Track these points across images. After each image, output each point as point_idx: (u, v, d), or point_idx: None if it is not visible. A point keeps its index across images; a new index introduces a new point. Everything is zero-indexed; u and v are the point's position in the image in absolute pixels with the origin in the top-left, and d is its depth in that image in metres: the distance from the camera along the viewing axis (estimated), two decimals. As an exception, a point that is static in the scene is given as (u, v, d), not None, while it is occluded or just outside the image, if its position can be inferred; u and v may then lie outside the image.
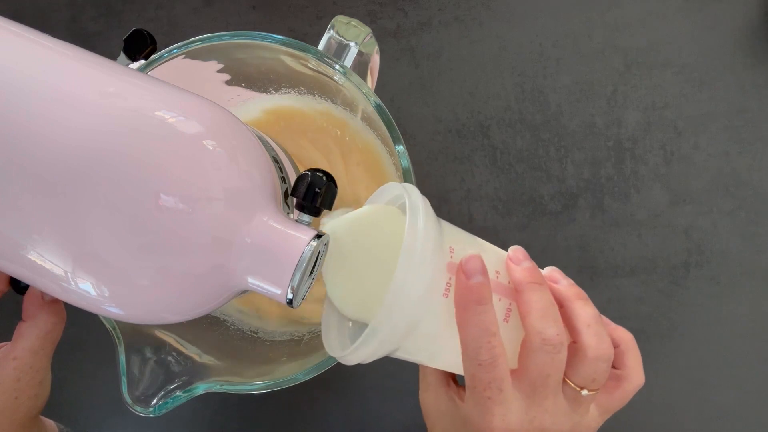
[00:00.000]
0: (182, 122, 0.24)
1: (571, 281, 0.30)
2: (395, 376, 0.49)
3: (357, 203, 0.43)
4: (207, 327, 0.41)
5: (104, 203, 0.22)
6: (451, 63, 0.49)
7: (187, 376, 0.33)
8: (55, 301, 0.29)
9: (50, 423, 0.35)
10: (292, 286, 0.25)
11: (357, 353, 0.27)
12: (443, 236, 0.28)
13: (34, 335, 0.29)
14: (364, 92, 0.35)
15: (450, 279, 0.28)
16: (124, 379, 0.32)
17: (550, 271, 0.31)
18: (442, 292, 0.27)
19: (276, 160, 0.31)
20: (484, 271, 0.27)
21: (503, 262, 0.30)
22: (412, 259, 0.26)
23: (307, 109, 0.44)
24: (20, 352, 0.29)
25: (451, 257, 0.28)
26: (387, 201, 0.31)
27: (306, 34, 0.50)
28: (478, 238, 0.31)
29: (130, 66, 0.34)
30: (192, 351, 0.35)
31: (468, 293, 0.27)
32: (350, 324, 0.31)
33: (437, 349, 0.29)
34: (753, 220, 0.47)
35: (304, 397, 0.47)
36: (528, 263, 0.29)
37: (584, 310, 0.29)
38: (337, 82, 0.37)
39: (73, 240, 0.22)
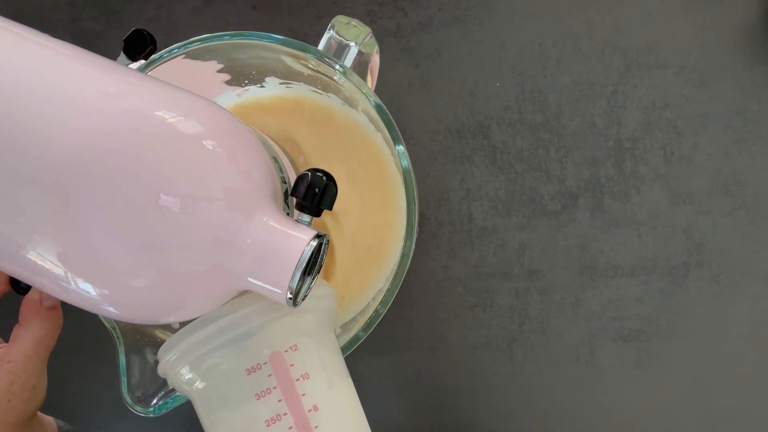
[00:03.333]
0: (182, 122, 0.24)
1: None
2: (395, 376, 0.49)
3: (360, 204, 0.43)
4: (207, 327, 0.41)
5: (104, 203, 0.22)
6: (451, 63, 0.49)
7: (187, 376, 0.33)
8: (51, 308, 0.29)
9: (49, 420, 0.35)
10: (292, 287, 0.25)
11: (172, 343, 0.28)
12: (320, 347, 0.29)
13: (28, 340, 0.29)
14: (364, 92, 0.35)
15: (265, 364, 0.27)
16: (124, 379, 0.32)
17: None
18: (249, 362, 0.27)
19: (276, 160, 0.31)
20: None
21: (352, 407, 0.30)
22: (259, 301, 0.27)
23: (307, 107, 0.44)
24: (14, 355, 0.29)
25: (285, 352, 0.28)
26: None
27: (306, 34, 0.50)
28: (351, 382, 0.30)
29: (130, 66, 0.34)
30: (192, 351, 0.35)
31: None
32: None
33: (222, 418, 0.28)
34: (753, 220, 0.47)
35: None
36: None
37: None
38: (337, 82, 0.37)
39: (73, 240, 0.22)
